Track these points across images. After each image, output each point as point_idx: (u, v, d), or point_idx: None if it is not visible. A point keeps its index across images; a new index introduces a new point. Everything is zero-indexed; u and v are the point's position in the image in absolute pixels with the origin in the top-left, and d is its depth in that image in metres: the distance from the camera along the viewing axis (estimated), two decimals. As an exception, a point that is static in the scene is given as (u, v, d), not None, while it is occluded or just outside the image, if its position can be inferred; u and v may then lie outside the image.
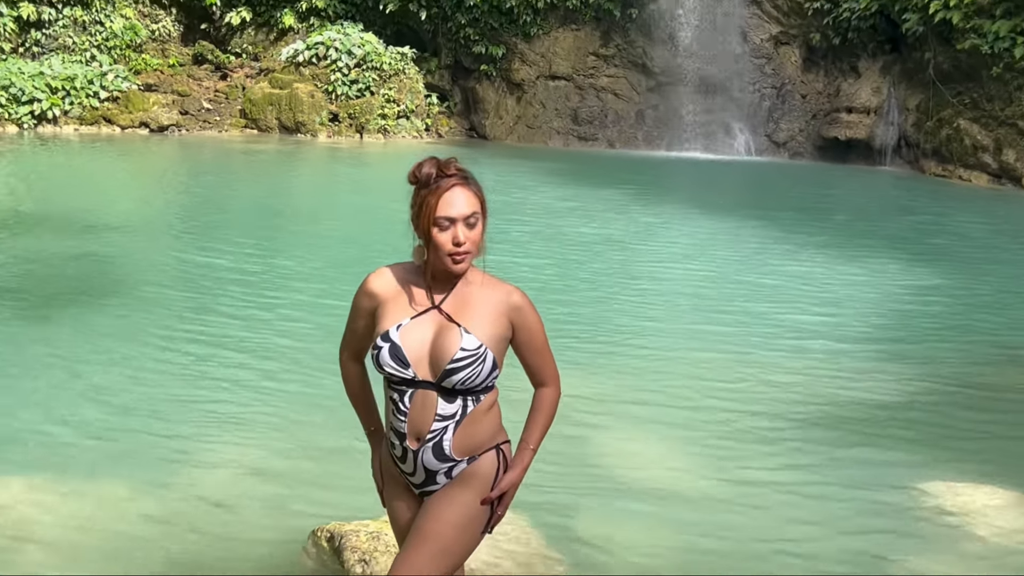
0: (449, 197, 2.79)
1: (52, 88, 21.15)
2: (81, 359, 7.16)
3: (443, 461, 2.95)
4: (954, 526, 5.03)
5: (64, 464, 5.40)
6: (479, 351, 2.86)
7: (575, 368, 6.91)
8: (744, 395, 6.83)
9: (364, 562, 4.22)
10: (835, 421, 6.39)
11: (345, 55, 22.85)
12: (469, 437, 2.95)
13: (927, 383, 7.21)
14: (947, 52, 19.67)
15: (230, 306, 8.71)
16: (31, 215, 12.48)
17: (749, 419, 6.35)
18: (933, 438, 6.16)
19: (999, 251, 13.12)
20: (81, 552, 4.54)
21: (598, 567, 4.53)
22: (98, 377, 6.80)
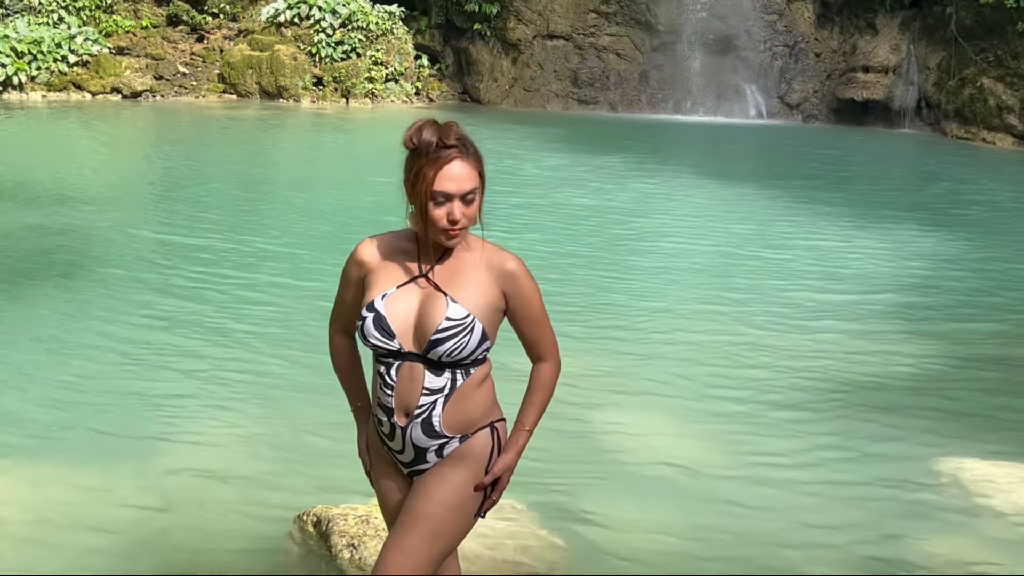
0: (448, 171, 2.77)
1: (18, 52, 21.03)
2: (55, 338, 7.15)
3: (433, 438, 2.93)
4: (972, 503, 5.07)
5: (36, 449, 5.39)
6: (465, 320, 2.84)
7: (573, 344, 6.87)
8: (753, 372, 6.85)
9: (353, 547, 4.26)
10: (849, 399, 6.41)
11: (329, 14, 22.73)
12: (460, 413, 2.93)
13: (947, 360, 7.22)
14: (970, 7, 19.60)
15: (208, 284, 8.67)
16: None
17: (758, 396, 6.38)
18: (952, 416, 6.18)
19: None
20: (56, 543, 4.55)
21: (598, 550, 4.56)
22: (73, 357, 6.79)
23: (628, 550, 4.60)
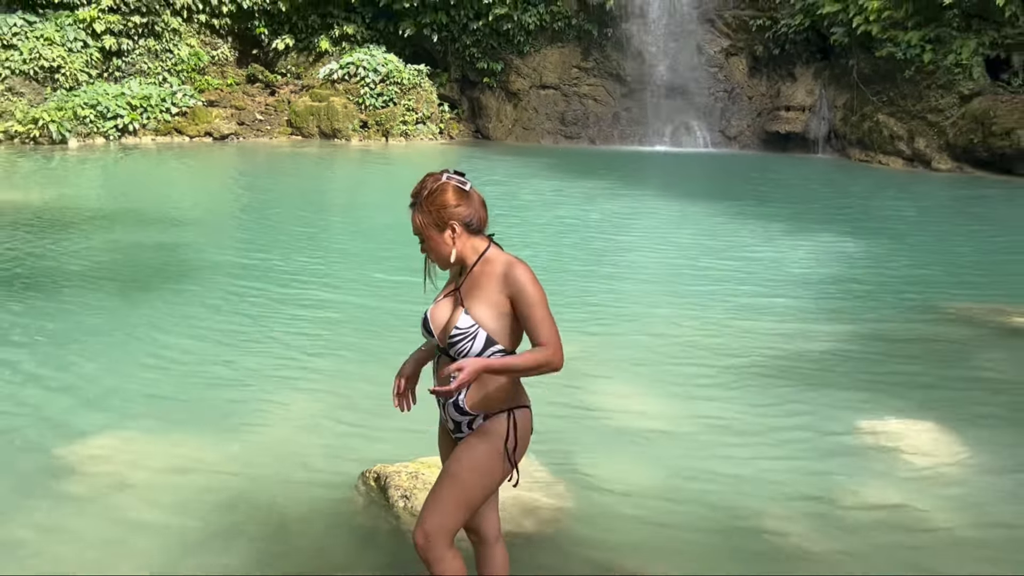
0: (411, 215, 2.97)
1: (132, 106, 21.01)
2: (164, 330, 7.14)
3: (461, 414, 2.95)
4: (890, 453, 5.04)
5: (151, 418, 5.37)
6: (470, 329, 2.83)
7: (569, 332, 6.86)
8: (711, 352, 6.79)
9: (405, 497, 4.21)
10: (786, 370, 6.36)
11: (372, 73, 22.66)
12: (480, 397, 2.91)
13: (862, 339, 7.19)
14: (868, 59, 19.51)
15: (284, 285, 8.65)
16: (119, 211, 12.44)
17: (716, 371, 6.33)
18: (867, 382, 6.14)
19: (922, 221, 13.04)
20: (163, 496, 4.51)
21: (595, 499, 4.52)
22: (179, 344, 6.77)
23: (619, 493, 4.57)
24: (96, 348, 6.68)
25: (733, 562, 4.04)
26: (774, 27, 21.48)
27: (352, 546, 4.10)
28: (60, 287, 8.39)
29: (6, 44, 20.48)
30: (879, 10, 18.68)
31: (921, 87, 18.60)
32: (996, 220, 13.19)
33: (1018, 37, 17.21)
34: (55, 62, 20.82)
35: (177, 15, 22.76)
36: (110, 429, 5.15)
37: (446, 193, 2.86)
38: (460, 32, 23.44)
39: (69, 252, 9.85)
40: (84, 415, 5.40)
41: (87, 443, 4.97)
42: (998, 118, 16.97)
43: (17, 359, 6.42)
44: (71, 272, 8.96)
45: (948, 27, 17.92)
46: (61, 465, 4.76)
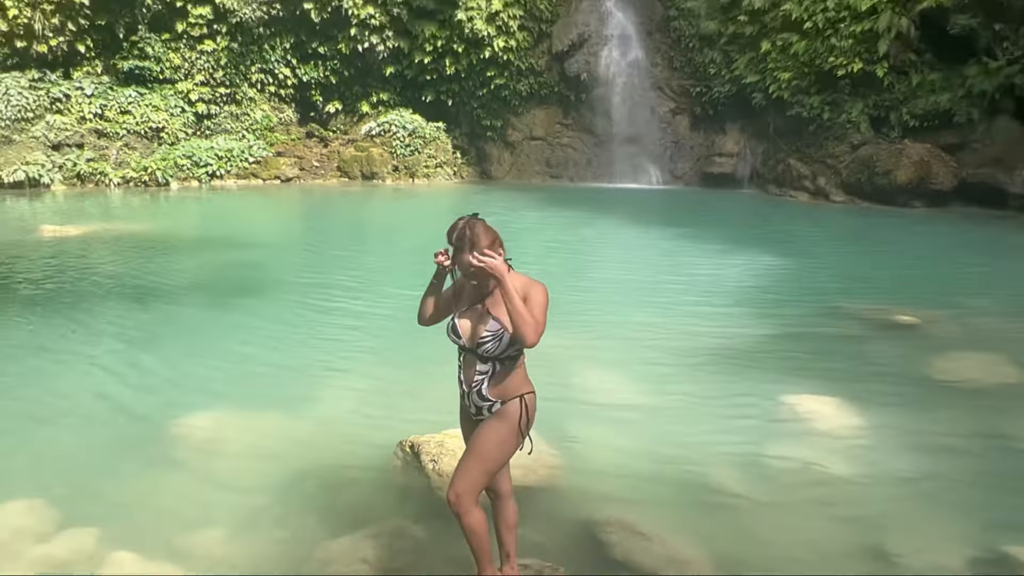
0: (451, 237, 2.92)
1: (219, 156, 20.93)
2: (244, 330, 7.10)
3: (483, 400, 2.92)
4: (803, 421, 5.01)
5: (232, 399, 5.35)
6: (497, 332, 2.85)
7: (557, 333, 6.82)
8: (662, 342, 6.75)
9: (434, 461, 4.17)
10: (721, 356, 6.33)
11: (402, 129, 22.61)
12: (500, 386, 2.91)
13: (779, 329, 7.15)
14: (781, 117, 19.50)
15: (334, 297, 8.60)
16: (208, 238, 12.39)
17: (672, 362, 6.27)
18: (786, 367, 6.10)
19: (824, 241, 12.99)
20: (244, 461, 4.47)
21: (581, 462, 4.49)
22: (254, 342, 6.73)
23: (597, 454, 4.55)
24: (192, 345, 6.66)
25: (686, 505, 4.01)
26: (708, 93, 21.47)
27: (392, 499, 4.07)
28: (166, 296, 8.36)
29: (123, 110, 20.42)
30: (789, 80, 18.70)
31: (821, 138, 18.59)
32: (881, 240, 13.17)
33: (894, 100, 17.23)
34: (160, 124, 20.77)
35: (253, 87, 22.70)
36: (202, 408, 5.13)
37: (488, 228, 2.90)
38: (469, 98, 23.43)
39: (173, 269, 9.82)
40: (182, 397, 5.37)
41: (184, 419, 4.95)
42: (880, 162, 16.96)
43: (133, 352, 6.39)
44: (174, 285, 8.93)
45: (841, 93, 17.94)
46: (163, 436, 4.74)
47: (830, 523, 3.87)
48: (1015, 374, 5.86)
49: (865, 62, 17.09)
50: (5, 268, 9.67)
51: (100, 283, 8.91)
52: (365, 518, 3.83)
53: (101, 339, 6.75)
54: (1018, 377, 5.81)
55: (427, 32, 22.40)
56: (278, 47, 22.66)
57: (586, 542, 3.67)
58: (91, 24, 20.34)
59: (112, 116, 20.20)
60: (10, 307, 7.80)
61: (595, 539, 3.66)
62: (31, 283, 8.88)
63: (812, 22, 17.94)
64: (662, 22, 22.58)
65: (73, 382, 5.69)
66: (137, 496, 4.06)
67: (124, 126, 20.29)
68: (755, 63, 19.85)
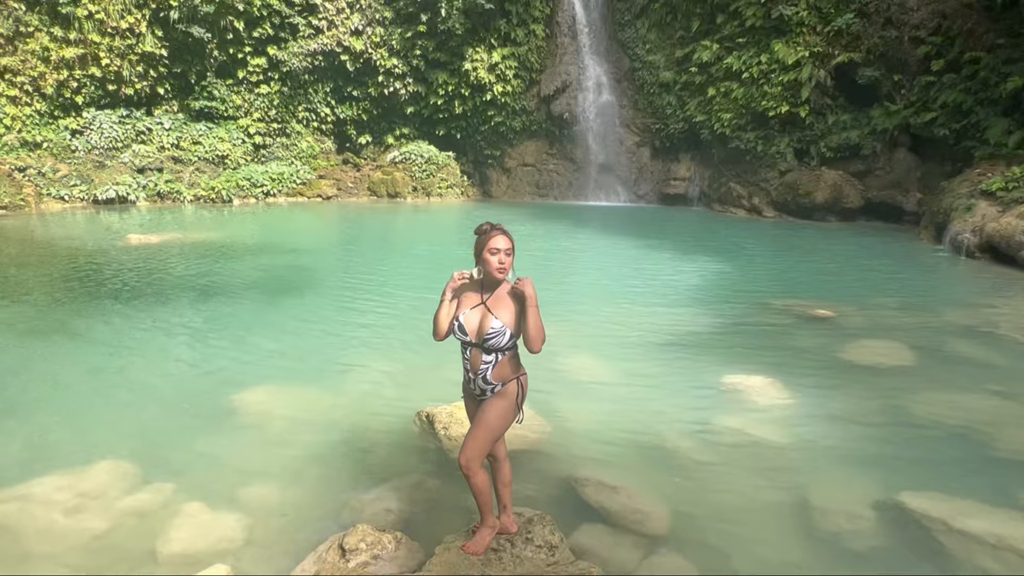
0: (499, 238, 2.79)
1: (272, 178, 20.77)
2: (292, 319, 7.02)
3: (488, 384, 2.87)
4: (742, 397, 4.98)
5: (281, 377, 5.29)
6: (501, 328, 2.78)
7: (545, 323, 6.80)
8: (628, 331, 6.73)
9: (445, 428, 4.14)
10: (674, 342, 6.31)
11: (420, 157, 22.48)
12: (500, 372, 2.86)
13: (720, 321, 7.13)
14: (723, 148, 19.45)
15: (365, 290, 8.53)
16: (263, 244, 12.29)
17: (637, 346, 6.25)
18: (729, 353, 6.08)
19: (758, 249, 12.97)
20: (291, 426, 4.43)
21: (565, 429, 4.46)
22: (299, 330, 6.66)
23: (577, 424, 4.51)
24: (247, 333, 6.57)
25: (648, 464, 3.98)
26: (666, 129, 21.42)
27: (411, 458, 4.03)
28: (227, 292, 8.28)
29: (195, 141, 20.24)
30: (730, 119, 18.66)
31: (756, 166, 18.56)
32: (803, 248, 13.15)
33: (814, 136, 17.20)
34: (225, 152, 20.61)
35: (300, 123, 22.54)
36: (255, 385, 5.08)
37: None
38: (473, 132, 23.33)
39: (232, 270, 9.73)
40: (239, 376, 5.32)
41: (240, 394, 4.91)
42: (802, 185, 16.96)
43: (200, 339, 6.33)
44: (233, 283, 8.85)
45: (772, 130, 17.90)
46: (223, 407, 4.69)
47: (763, 479, 3.86)
48: (910, 357, 5.86)
49: (791, 105, 17.07)
50: (98, 268, 9.58)
51: (174, 282, 8.82)
52: (389, 473, 3.80)
53: (174, 328, 6.68)
54: (912, 360, 5.81)
55: (440, 79, 22.29)
56: (320, 91, 22.52)
57: (567, 494, 3.65)
58: (169, 71, 20.18)
59: (186, 146, 20.04)
60: (101, 301, 7.72)
61: (574, 491, 3.64)
62: (119, 281, 8.79)
63: (749, 73, 17.92)
64: (628, 72, 22.52)
65: (149, 364, 5.63)
66: (203, 456, 4.02)
67: (195, 154, 20.14)
68: (703, 105, 19.81)
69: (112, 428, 4.41)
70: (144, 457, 3.96)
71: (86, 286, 8.38)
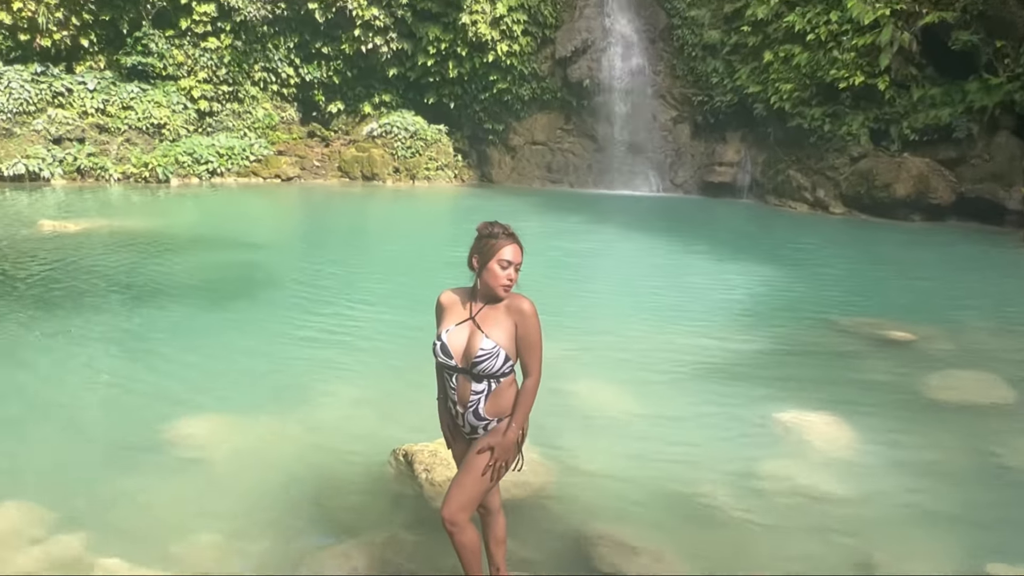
0: (512, 249, 2.80)
1: (219, 154, 20.94)
2: (241, 331, 7.09)
3: (479, 420, 2.89)
4: (796, 439, 5.00)
5: (228, 403, 5.33)
6: (493, 350, 2.78)
7: (553, 342, 6.83)
8: (659, 355, 6.76)
9: (427, 470, 4.18)
10: (715, 370, 6.34)
11: (403, 131, 22.64)
12: (495, 405, 2.88)
13: (773, 344, 7.15)
14: (781, 127, 19.54)
15: (333, 297, 8.58)
16: (208, 236, 12.35)
17: (666, 373, 6.28)
18: (779, 382, 6.11)
19: (821, 254, 12.93)
20: (240, 465, 4.47)
21: (572, 476, 4.49)
22: (252, 343, 6.72)
23: (589, 468, 4.54)
24: (187, 346, 6.62)
25: (677, 520, 4.02)
26: (710, 102, 21.53)
27: (385, 506, 4.07)
28: (166, 293, 8.35)
29: (125, 106, 20.42)
30: (790, 91, 18.73)
31: (821, 150, 18.63)
32: (878, 253, 13.20)
33: (894, 114, 17.26)
34: (162, 120, 20.77)
35: (255, 85, 22.72)
36: (195, 411, 5.12)
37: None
38: (471, 101, 23.47)
39: (170, 268, 9.79)
40: (179, 397, 5.37)
41: (177, 422, 4.93)
42: (879, 175, 17.01)
43: (129, 353, 6.38)
44: (171, 284, 8.91)
45: (842, 105, 17.97)
46: (155, 439, 4.72)
47: (819, 540, 3.88)
48: (1009, 395, 5.88)
49: (866, 75, 17.13)
50: (2, 265, 9.66)
51: (97, 282, 8.89)
52: (357, 525, 3.83)
53: (95, 339, 6.74)
54: (1012, 397, 5.82)
55: (431, 35, 22.45)
56: (281, 46, 22.69)
57: (575, 556, 3.67)
58: (95, 19, 20.37)
59: (114, 112, 20.20)
60: (6, 306, 7.79)
61: (584, 553, 3.67)
62: (28, 281, 8.87)
63: (815, 34, 18.00)
64: (665, 30, 22.64)
65: (66, 383, 5.68)
66: (128, 500, 4.06)
67: (126, 122, 20.29)
68: (757, 73, 19.91)
69: (16, 462, 4.46)
70: (54, 498, 4.00)
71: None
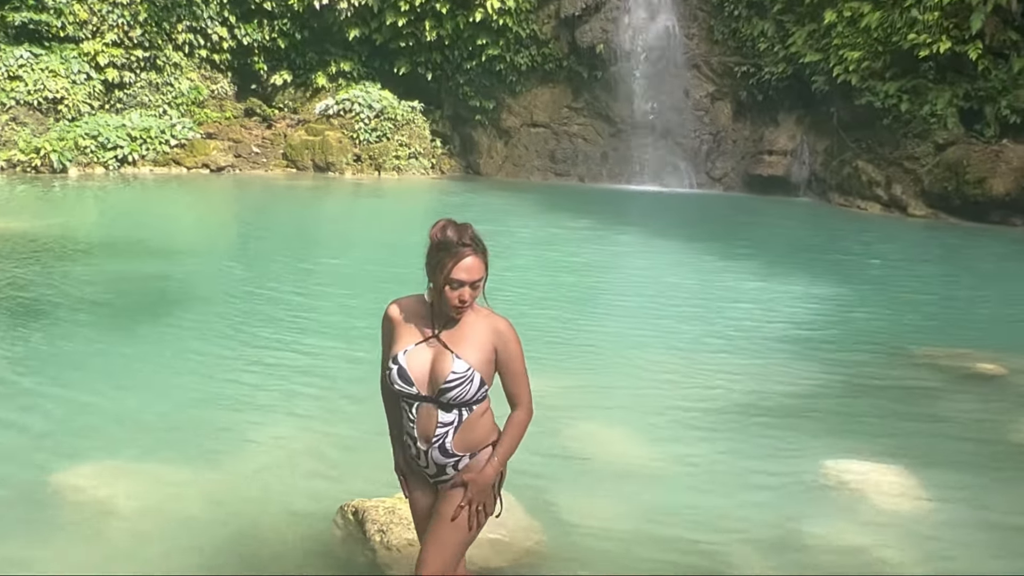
0: (463, 264, 2.78)
1: (132, 137, 21.15)
2: (154, 360, 7.17)
3: (448, 457, 2.97)
4: (853, 495, 5.07)
5: (137, 447, 5.39)
6: (467, 373, 2.87)
7: (551, 371, 6.94)
8: (684, 391, 6.83)
9: (382, 531, 4.24)
10: (754, 410, 6.41)
11: (367, 108, 22.89)
12: (467, 438, 2.96)
13: (829, 378, 7.23)
14: (847, 107, 19.79)
15: (270, 319, 8.68)
16: (116, 240, 12.45)
17: (691, 412, 6.35)
18: (834, 425, 6.19)
19: (895, 267, 13.06)
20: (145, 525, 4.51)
21: (568, 536, 4.55)
22: (167, 374, 6.80)
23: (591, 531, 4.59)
24: (89, 376, 6.69)
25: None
26: (758, 74, 21.79)
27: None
28: (57, 314, 8.42)
29: (12, 76, 20.62)
30: (858, 60, 18.99)
31: (898, 135, 18.87)
32: (968, 267, 13.33)
33: (990, 90, 17.51)
34: (58, 93, 20.97)
35: (179, 50, 22.98)
36: (97, 457, 5.16)
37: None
38: (453, 71, 23.73)
39: (66, 280, 9.87)
40: (72, 442, 5.41)
41: (74, 470, 4.97)
42: (971, 167, 17.23)
43: (13, 384, 6.44)
44: (68, 299, 8.99)
45: (924, 79, 18.23)
46: (47, 491, 4.77)
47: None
48: (1122, 441, 5.98)
49: (954, 41, 17.39)
50: None
51: (-28, 295, 8.97)
52: (293, 602, 3.90)
53: (-30, 367, 6.81)
54: (1125, 445, 5.92)
55: (403, -13, 22.78)
56: (212, 1, 22.96)
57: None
58: (-25, -35, 20.64)
59: (-3, 82, 20.42)
60: None
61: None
62: None
63: (888, -11, 18.33)
64: (701, -17, 23.01)
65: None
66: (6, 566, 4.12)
67: (12, 95, 20.48)
68: (816, 38, 20.21)
69: None
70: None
71: None
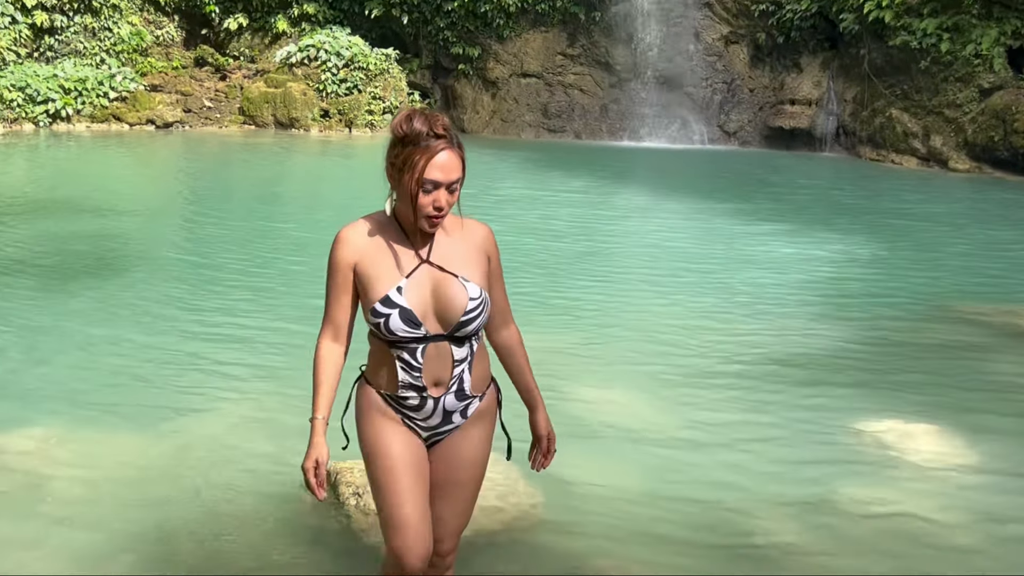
0: (437, 161, 2.53)
1: (65, 89, 21.01)
2: (95, 322, 7.24)
3: (462, 400, 2.82)
4: (892, 455, 5.16)
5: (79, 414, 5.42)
6: (483, 297, 2.71)
7: (549, 326, 6.98)
8: (700, 350, 6.91)
9: (357, 495, 4.27)
10: (787, 369, 6.51)
11: (334, 56, 22.76)
12: (479, 374, 2.86)
13: (861, 338, 7.35)
14: (880, 48, 19.79)
15: (224, 279, 8.80)
16: (48, 202, 12.52)
17: (704, 371, 6.43)
18: (868, 384, 6.27)
19: (938, 224, 13.16)
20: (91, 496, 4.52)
21: (569, 499, 4.58)
22: (110, 337, 6.86)
23: (593, 499, 4.62)
24: (24, 340, 6.73)
25: (714, 560, 4.11)
26: (778, 13, 21.79)
27: (300, 546, 4.13)
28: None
29: (-76, 18, 20.45)
30: (892, -4, 19.00)
31: (938, 80, 18.90)
32: (1018, 223, 13.41)
33: (1042, 27, 17.54)
34: (-21, 40, 20.79)
35: (118, -10, 22.81)
36: (35, 424, 5.18)
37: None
38: (433, 14, 23.62)
39: (-4, 241, 9.93)
40: (6, 408, 5.42)
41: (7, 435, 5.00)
42: (1021, 114, 17.27)
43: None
44: None
45: (967, 14, 18.22)
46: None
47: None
48: None
49: (1001, -29, 17.41)
50: None
51: None
52: (261, 570, 3.90)
53: None
54: None
55: (373, -85, 22.65)
56: (156, -68, 22.79)
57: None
58: None
59: (-91, 27, 20.24)
60: None
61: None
62: None
63: (926, -88, 18.31)
64: (713, -91, 22.95)
65: None
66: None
67: (-74, 42, 20.29)
68: (845, -30, 20.21)
69: None
70: None
71: None
